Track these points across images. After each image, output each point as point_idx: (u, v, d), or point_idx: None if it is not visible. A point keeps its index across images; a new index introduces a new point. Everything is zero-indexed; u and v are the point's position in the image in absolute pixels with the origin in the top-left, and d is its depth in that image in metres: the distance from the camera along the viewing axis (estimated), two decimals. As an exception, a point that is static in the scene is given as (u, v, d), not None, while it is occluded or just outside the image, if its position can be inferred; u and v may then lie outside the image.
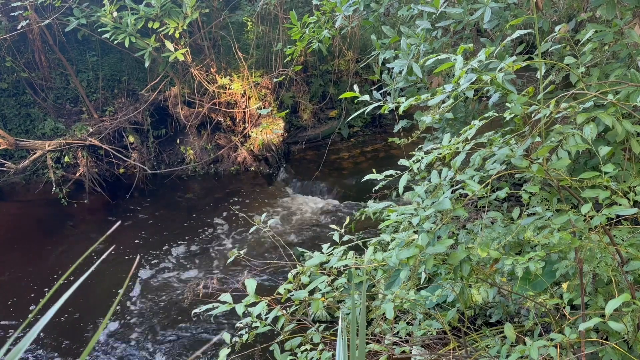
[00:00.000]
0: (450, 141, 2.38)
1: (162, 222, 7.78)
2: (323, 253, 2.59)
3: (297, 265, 2.62)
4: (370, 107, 2.56)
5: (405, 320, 3.18)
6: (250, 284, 2.35)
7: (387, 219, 2.40)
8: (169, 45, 7.63)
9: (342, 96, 2.52)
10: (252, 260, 5.12)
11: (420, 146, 2.87)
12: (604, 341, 2.15)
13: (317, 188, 8.59)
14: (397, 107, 2.49)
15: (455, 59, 2.18)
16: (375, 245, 3.04)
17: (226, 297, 2.32)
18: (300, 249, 3.35)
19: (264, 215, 2.88)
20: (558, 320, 2.47)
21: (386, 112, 2.55)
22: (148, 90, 8.82)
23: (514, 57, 2.19)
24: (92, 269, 0.88)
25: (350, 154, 9.98)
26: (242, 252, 2.77)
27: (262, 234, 6.73)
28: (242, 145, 9.42)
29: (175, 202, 8.51)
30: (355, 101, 2.68)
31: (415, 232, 2.34)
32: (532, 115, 2.17)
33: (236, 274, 5.96)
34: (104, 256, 1.05)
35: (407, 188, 2.69)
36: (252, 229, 2.92)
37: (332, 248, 2.70)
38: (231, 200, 8.40)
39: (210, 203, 8.36)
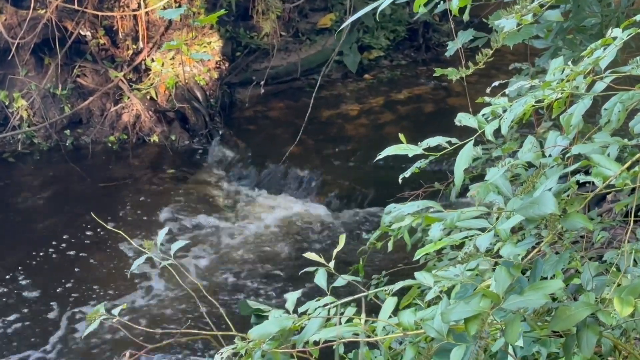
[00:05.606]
0: (562, 73, 2.36)
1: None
2: (289, 312, 2.58)
3: (236, 338, 2.62)
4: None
5: None
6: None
7: (427, 241, 2.39)
8: None
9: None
10: (139, 328, 5.12)
11: (496, 83, 2.86)
12: None
13: (292, 179, 8.63)
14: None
15: None
16: (412, 298, 3.03)
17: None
18: (252, 303, 3.38)
19: (163, 231, 2.86)
20: None
21: (428, 11, 2.54)
22: None
23: None
24: None
25: (364, 107, 9.95)
26: (117, 310, 2.75)
27: (167, 273, 6.74)
28: (131, 88, 9.36)
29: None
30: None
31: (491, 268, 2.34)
32: None
33: (106, 356, 5.94)
34: None
35: (476, 177, 2.69)
36: (138, 262, 2.91)
37: (315, 301, 2.69)
38: (106, 206, 8.35)
39: (61, 210, 8.32)
